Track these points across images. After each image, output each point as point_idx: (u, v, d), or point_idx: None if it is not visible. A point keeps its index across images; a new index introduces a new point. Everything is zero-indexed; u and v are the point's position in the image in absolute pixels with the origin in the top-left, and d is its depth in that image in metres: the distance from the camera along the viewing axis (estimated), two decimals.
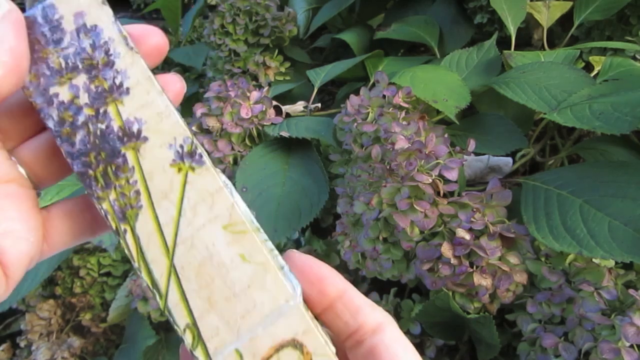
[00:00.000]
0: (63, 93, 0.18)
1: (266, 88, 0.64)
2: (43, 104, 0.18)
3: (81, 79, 0.18)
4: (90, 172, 0.18)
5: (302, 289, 0.18)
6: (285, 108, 0.62)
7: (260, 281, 0.18)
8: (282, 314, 0.18)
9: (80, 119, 0.18)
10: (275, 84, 0.73)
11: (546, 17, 0.63)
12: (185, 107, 0.80)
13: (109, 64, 0.18)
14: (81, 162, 0.18)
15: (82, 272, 0.73)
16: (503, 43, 0.64)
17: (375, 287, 0.52)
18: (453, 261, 0.39)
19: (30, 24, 0.18)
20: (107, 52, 0.18)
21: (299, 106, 0.64)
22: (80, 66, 0.18)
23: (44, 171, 0.20)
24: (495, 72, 0.56)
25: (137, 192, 0.18)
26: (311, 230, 0.57)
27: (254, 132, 0.58)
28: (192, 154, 0.18)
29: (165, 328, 0.67)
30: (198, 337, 0.17)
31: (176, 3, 0.90)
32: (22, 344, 0.74)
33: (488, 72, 0.56)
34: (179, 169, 0.18)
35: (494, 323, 0.40)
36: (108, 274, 0.74)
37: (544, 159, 0.56)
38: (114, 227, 0.18)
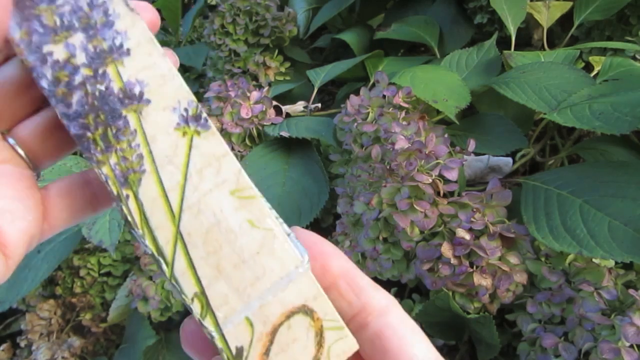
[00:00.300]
0: (58, 52, 0.17)
1: (266, 88, 0.64)
2: (36, 62, 0.16)
3: (78, 38, 0.17)
4: (89, 134, 0.17)
5: (309, 257, 0.18)
6: (285, 108, 0.63)
7: (269, 247, 0.17)
8: (291, 280, 0.17)
9: (77, 79, 0.17)
10: (275, 84, 0.73)
11: (546, 17, 0.63)
12: None
13: (108, 24, 0.17)
14: (78, 124, 0.17)
15: (82, 272, 0.73)
16: (503, 43, 0.64)
17: None
18: (453, 261, 0.39)
19: None
20: (105, 12, 0.17)
21: (299, 106, 0.64)
22: (76, 25, 0.17)
23: (43, 150, 0.19)
24: (495, 72, 0.56)
25: (140, 156, 0.17)
26: (311, 230, 0.57)
27: (254, 132, 0.58)
28: (197, 117, 0.17)
29: (165, 328, 0.67)
30: (207, 306, 0.17)
31: (176, 3, 0.91)
32: (22, 344, 0.74)
33: (488, 72, 0.56)
34: (184, 133, 0.17)
35: (494, 323, 0.40)
36: (108, 274, 0.74)
37: (544, 159, 0.56)
38: (115, 192, 0.17)
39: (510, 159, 0.51)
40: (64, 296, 0.75)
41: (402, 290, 0.51)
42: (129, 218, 0.17)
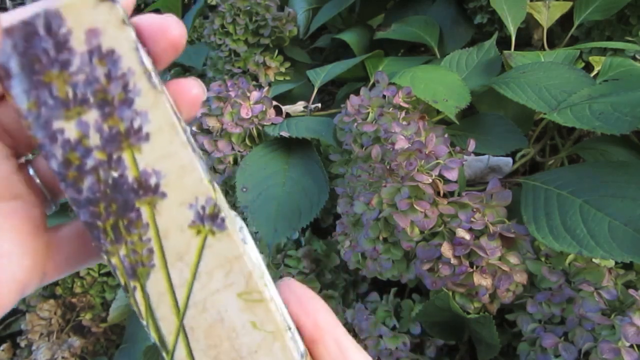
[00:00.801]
0: (69, 130, 0.15)
1: (266, 88, 0.64)
2: (45, 140, 0.15)
3: (92, 116, 0.15)
4: (99, 223, 0.16)
5: (305, 350, 0.18)
6: (286, 108, 0.63)
7: (268, 347, 0.17)
8: None
9: (90, 163, 0.15)
10: (276, 84, 0.73)
11: (546, 17, 0.63)
12: None
13: (127, 101, 0.15)
14: (89, 212, 0.16)
15: (82, 272, 0.73)
16: (503, 43, 0.64)
17: (375, 287, 0.52)
18: (453, 261, 0.39)
19: (29, 35, 0.14)
20: (125, 87, 0.15)
21: (299, 106, 0.64)
22: (91, 100, 0.15)
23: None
24: (495, 72, 0.56)
25: (150, 251, 0.16)
26: (311, 230, 0.57)
27: (254, 132, 0.58)
28: (213, 217, 0.17)
29: None
30: None
31: (176, 3, 0.91)
32: (22, 344, 0.75)
33: (488, 72, 0.56)
34: (198, 231, 0.17)
35: (494, 323, 0.40)
36: (108, 274, 0.74)
37: (544, 159, 0.56)
38: (122, 282, 0.17)
39: (510, 159, 0.51)
40: (64, 296, 0.75)
41: (402, 290, 0.51)
42: (135, 308, 0.17)
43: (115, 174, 0.16)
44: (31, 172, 0.18)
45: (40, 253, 0.18)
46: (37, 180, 0.18)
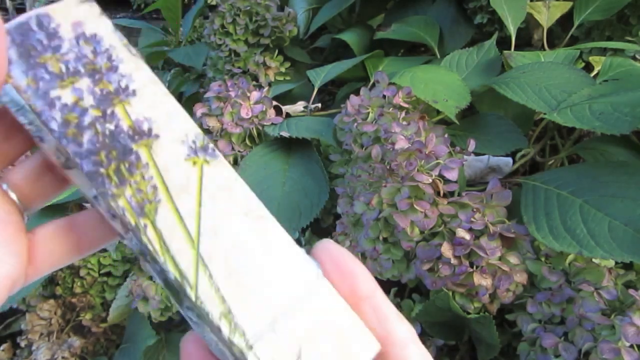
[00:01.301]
0: (65, 96, 0.17)
1: (266, 88, 0.64)
2: (44, 107, 0.17)
3: (84, 83, 0.17)
4: (102, 170, 0.17)
5: (320, 273, 0.19)
6: (286, 108, 0.63)
7: (284, 264, 0.18)
8: (312, 294, 0.18)
9: (87, 119, 0.17)
10: (276, 84, 0.73)
11: (546, 17, 0.63)
12: (186, 107, 0.80)
13: (113, 68, 0.18)
14: (91, 161, 0.17)
15: (82, 272, 0.73)
16: (503, 43, 0.64)
17: None
18: (453, 261, 0.39)
19: (24, 31, 0.17)
20: (109, 58, 0.18)
21: (299, 106, 0.64)
22: (82, 70, 0.17)
23: (33, 193, 0.20)
24: (495, 72, 0.56)
25: (154, 187, 0.17)
26: (311, 230, 0.57)
27: (254, 132, 0.58)
28: (205, 148, 0.18)
29: (165, 328, 0.67)
30: (235, 325, 0.17)
31: (176, 3, 0.91)
32: (22, 344, 0.74)
33: (488, 72, 0.56)
34: (194, 162, 0.18)
35: (494, 323, 0.40)
36: (108, 274, 0.74)
37: (544, 159, 0.56)
38: (133, 223, 0.17)
39: (510, 159, 0.51)
40: (64, 296, 0.75)
41: (402, 290, 0.51)
42: (150, 247, 0.17)
43: (111, 126, 0.17)
44: (4, 186, 0.19)
45: (24, 254, 0.19)
46: (12, 194, 0.19)
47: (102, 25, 0.18)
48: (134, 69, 0.18)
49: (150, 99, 0.18)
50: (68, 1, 0.18)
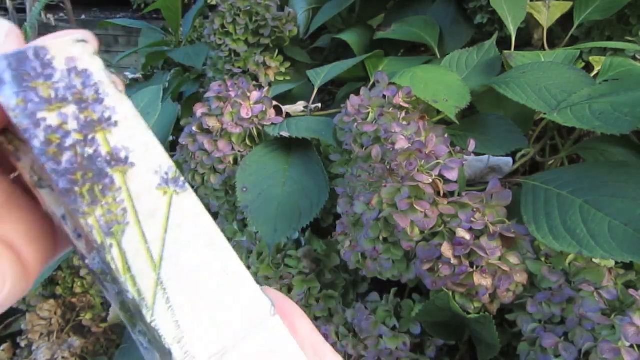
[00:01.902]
0: (51, 119, 0.18)
1: (266, 88, 0.64)
2: (29, 125, 0.18)
3: (70, 109, 0.18)
4: (77, 189, 0.18)
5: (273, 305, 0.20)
6: (286, 108, 0.63)
7: (240, 296, 0.19)
8: (262, 326, 0.19)
9: (68, 141, 0.18)
10: (276, 84, 0.73)
11: (546, 17, 0.63)
12: (186, 107, 0.80)
13: (99, 100, 0.19)
14: (67, 180, 0.18)
15: (82, 272, 0.73)
16: (503, 43, 0.64)
17: (375, 287, 0.52)
18: (453, 261, 0.39)
19: (21, 60, 0.18)
20: (97, 91, 0.19)
21: (299, 106, 0.64)
22: (70, 98, 0.18)
23: None
24: (495, 72, 0.56)
25: (124, 210, 0.18)
26: (311, 230, 0.57)
27: (254, 132, 0.58)
28: (176, 180, 0.19)
29: None
30: (186, 352, 0.18)
31: (176, 3, 0.91)
32: (22, 344, 0.75)
33: (488, 72, 0.56)
34: (165, 192, 0.19)
35: (494, 323, 0.40)
36: None
37: (544, 159, 0.56)
38: (99, 241, 0.18)
39: (510, 159, 0.51)
40: (64, 296, 0.75)
41: (402, 290, 0.51)
42: (112, 265, 0.18)
43: (90, 150, 0.18)
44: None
45: (53, 232, 0.21)
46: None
47: (93, 63, 0.19)
48: (118, 103, 0.19)
49: (130, 131, 0.19)
50: (66, 39, 0.19)
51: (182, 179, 0.20)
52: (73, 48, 0.19)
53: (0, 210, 0.20)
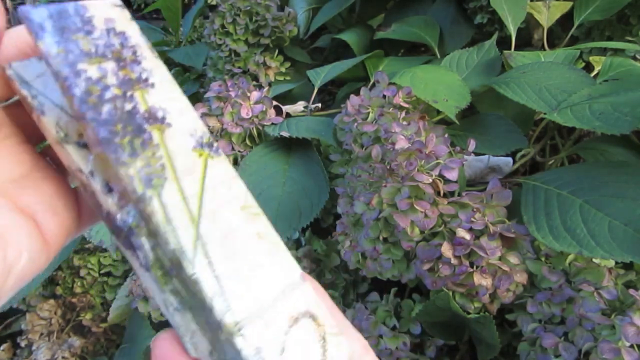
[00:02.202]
0: (91, 71, 0.18)
1: (266, 88, 0.64)
2: (70, 74, 0.18)
3: (110, 65, 0.19)
4: (117, 139, 0.18)
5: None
6: (286, 108, 0.63)
7: (276, 258, 0.19)
8: (296, 287, 0.19)
9: (108, 95, 0.18)
10: (276, 84, 0.73)
11: (546, 17, 0.63)
12: None
13: (136, 61, 0.19)
14: (108, 130, 0.18)
15: (82, 272, 0.73)
16: (503, 43, 0.64)
17: (375, 287, 0.52)
18: (453, 261, 0.39)
19: (62, 13, 0.19)
20: (134, 53, 0.19)
21: (299, 106, 0.64)
22: (109, 55, 0.19)
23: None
24: (496, 72, 0.56)
25: (163, 166, 0.18)
26: (311, 230, 0.57)
27: (255, 132, 0.58)
28: (210, 144, 0.20)
29: (166, 328, 0.67)
30: (227, 306, 0.18)
31: (176, 3, 0.91)
32: (22, 344, 0.74)
33: (488, 72, 0.56)
34: (200, 154, 0.19)
35: (494, 323, 0.40)
36: (108, 274, 0.74)
37: (544, 159, 0.56)
38: (139, 191, 0.18)
39: (510, 159, 0.51)
40: (64, 296, 0.75)
41: (402, 290, 0.51)
42: (153, 217, 0.18)
43: (129, 106, 0.19)
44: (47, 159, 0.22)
45: (75, 207, 0.21)
46: (53, 165, 0.21)
47: (130, 27, 0.20)
48: (155, 67, 0.20)
49: (166, 94, 0.20)
50: (105, 1, 0.20)
51: (215, 144, 0.20)
52: (111, 10, 0.20)
53: (23, 181, 0.20)
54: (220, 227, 0.19)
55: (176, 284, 0.18)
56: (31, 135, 0.21)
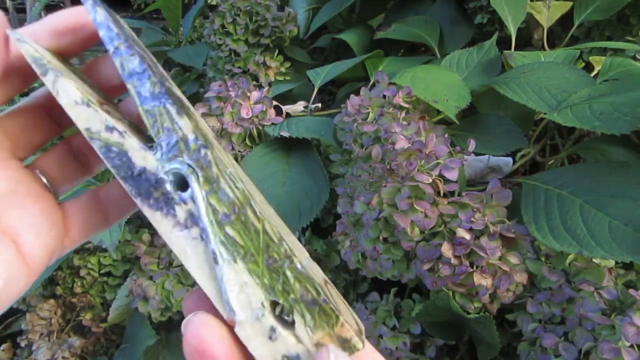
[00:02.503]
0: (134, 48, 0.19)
1: (266, 88, 0.64)
2: (119, 33, 0.19)
3: (147, 56, 0.20)
4: (168, 99, 0.19)
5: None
6: (286, 108, 0.63)
7: (293, 238, 0.22)
8: (312, 262, 0.21)
9: (150, 62, 0.19)
10: (276, 84, 0.73)
11: (546, 17, 0.63)
12: None
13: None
14: (164, 86, 0.19)
15: (82, 272, 0.73)
16: (503, 43, 0.64)
17: (375, 287, 0.52)
18: (453, 261, 0.39)
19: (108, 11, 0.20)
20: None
21: (299, 106, 0.64)
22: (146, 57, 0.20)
23: (61, 178, 0.22)
24: (496, 72, 0.56)
25: (209, 140, 0.20)
26: (311, 230, 0.57)
27: (255, 132, 0.58)
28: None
29: (165, 328, 0.67)
30: (290, 250, 0.19)
31: (176, 3, 0.91)
32: (22, 344, 0.74)
33: (488, 72, 0.56)
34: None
35: (494, 323, 0.40)
36: (108, 274, 0.74)
37: (544, 159, 0.56)
38: (201, 141, 0.19)
39: (510, 159, 0.51)
40: (64, 296, 0.75)
41: (402, 290, 0.51)
42: (220, 163, 0.19)
43: (167, 83, 0.20)
44: (37, 172, 0.21)
45: (61, 225, 0.21)
46: (42, 178, 0.21)
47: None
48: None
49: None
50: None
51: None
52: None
53: (7, 198, 0.19)
54: (257, 200, 0.20)
55: (236, 227, 0.18)
56: (17, 149, 0.21)
